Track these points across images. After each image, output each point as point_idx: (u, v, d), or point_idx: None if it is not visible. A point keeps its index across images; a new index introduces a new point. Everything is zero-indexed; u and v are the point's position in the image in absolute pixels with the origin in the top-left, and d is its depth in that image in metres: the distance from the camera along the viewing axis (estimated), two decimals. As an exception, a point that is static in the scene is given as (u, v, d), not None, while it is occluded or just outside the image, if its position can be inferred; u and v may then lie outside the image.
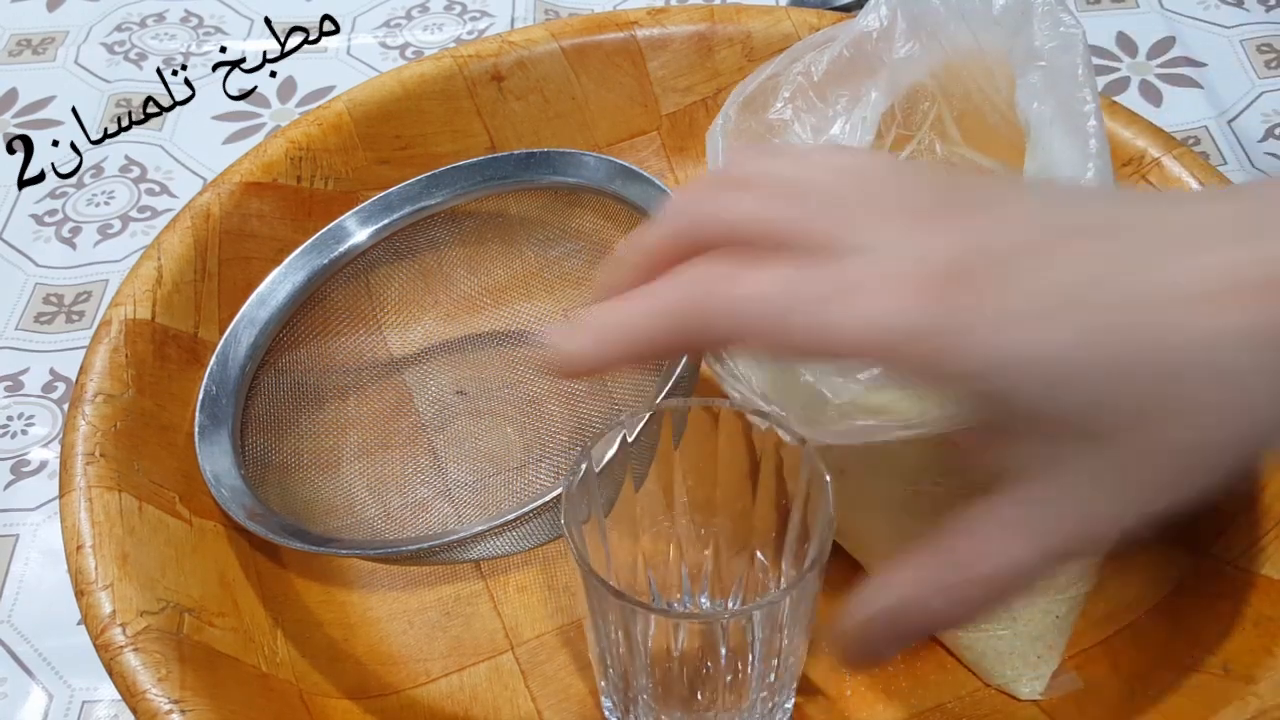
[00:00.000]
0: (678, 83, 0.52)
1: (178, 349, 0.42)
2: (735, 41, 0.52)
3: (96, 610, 0.33)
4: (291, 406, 0.43)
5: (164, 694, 0.32)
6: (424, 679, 0.39)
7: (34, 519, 0.45)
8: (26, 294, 0.53)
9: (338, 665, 0.39)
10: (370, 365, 0.46)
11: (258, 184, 0.46)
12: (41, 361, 0.50)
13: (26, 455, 0.47)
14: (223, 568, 0.38)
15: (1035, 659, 0.37)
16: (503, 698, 0.38)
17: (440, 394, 0.46)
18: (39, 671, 0.41)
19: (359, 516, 0.41)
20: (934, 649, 0.39)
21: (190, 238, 0.43)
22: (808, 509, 0.33)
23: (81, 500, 0.36)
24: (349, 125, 0.48)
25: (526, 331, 0.47)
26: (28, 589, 0.43)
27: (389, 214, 0.45)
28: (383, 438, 0.44)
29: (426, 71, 0.49)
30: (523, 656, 0.39)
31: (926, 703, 0.37)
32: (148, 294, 0.41)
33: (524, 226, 0.47)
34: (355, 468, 0.43)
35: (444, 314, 0.47)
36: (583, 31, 0.51)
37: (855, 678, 0.38)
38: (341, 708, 0.37)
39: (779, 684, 0.34)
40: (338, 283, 0.45)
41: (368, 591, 0.41)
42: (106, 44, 0.66)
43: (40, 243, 0.55)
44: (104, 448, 0.37)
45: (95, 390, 0.39)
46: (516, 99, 0.51)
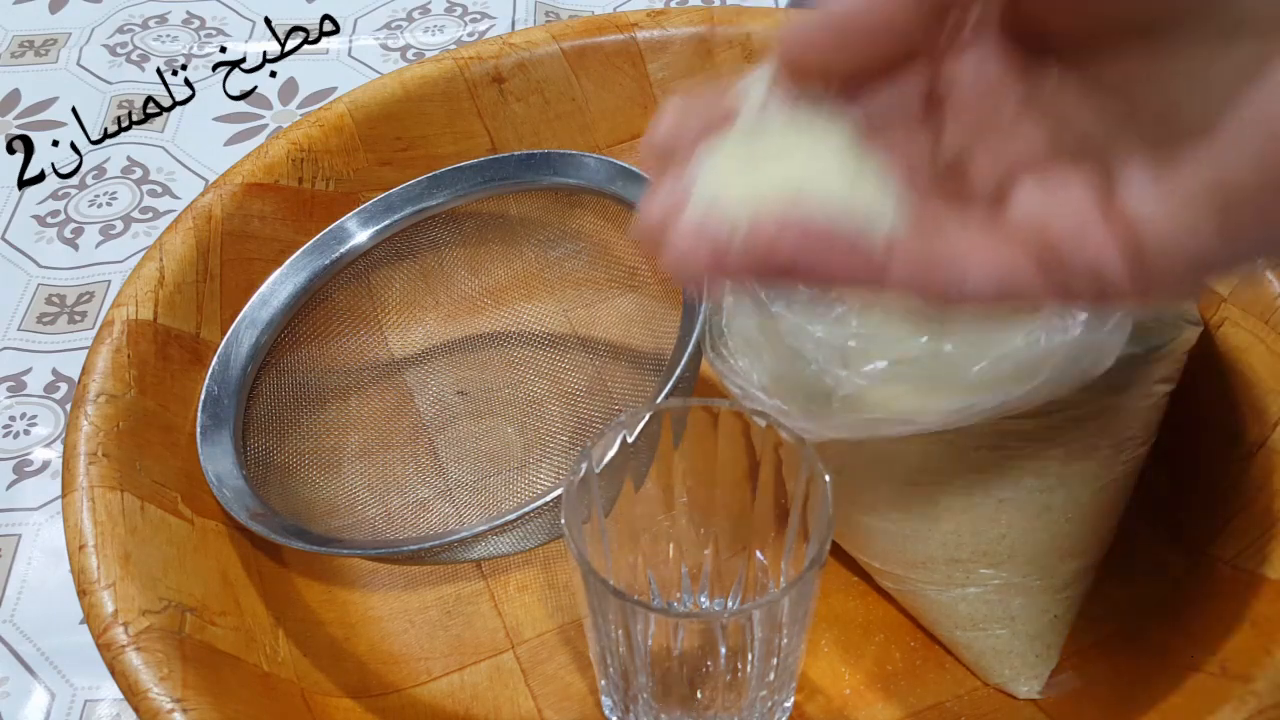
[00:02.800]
0: (678, 84, 0.52)
1: (180, 349, 0.42)
2: (735, 43, 0.52)
3: (99, 609, 0.34)
4: (293, 407, 0.43)
5: (166, 693, 0.32)
6: (425, 678, 0.39)
7: (36, 519, 0.45)
8: (29, 295, 0.53)
9: (339, 664, 0.39)
10: (371, 366, 0.46)
11: (259, 185, 0.46)
12: (44, 362, 0.50)
13: (29, 455, 0.47)
14: (225, 567, 0.38)
15: (1034, 658, 0.37)
16: (503, 696, 0.38)
17: (441, 394, 0.46)
18: (41, 671, 0.41)
19: (360, 516, 0.41)
20: (933, 648, 0.39)
21: (192, 238, 0.43)
22: (807, 508, 0.33)
23: (84, 500, 0.36)
24: (350, 126, 0.48)
25: (527, 332, 0.47)
26: (30, 588, 0.43)
27: (390, 215, 0.45)
28: (384, 438, 0.44)
29: (428, 73, 0.50)
30: (523, 655, 0.39)
31: (925, 701, 0.38)
32: (150, 295, 0.42)
33: (525, 227, 0.47)
34: (356, 468, 0.43)
35: (445, 315, 0.47)
36: (583, 33, 0.51)
37: (854, 677, 0.38)
38: (343, 706, 0.37)
39: (778, 683, 0.34)
40: (339, 284, 0.45)
41: (369, 591, 0.41)
42: (108, 45, 0.66)
43: (43, 243, 0.55)
44: (106, 448, 0.37)
45: (98, 390, 0.39)
46: (517, 100, 0.51)
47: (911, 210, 0.23)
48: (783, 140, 0.24)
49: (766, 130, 0.24)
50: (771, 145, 0.24)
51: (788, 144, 0.24)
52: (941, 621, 0.38)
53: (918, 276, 0.22)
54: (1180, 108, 0.21)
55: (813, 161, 0.23)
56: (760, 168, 0.23)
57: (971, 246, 0.23)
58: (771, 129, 0.24)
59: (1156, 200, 0.21)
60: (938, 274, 0.23)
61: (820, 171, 0.23)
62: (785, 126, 0.24)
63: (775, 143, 0.24)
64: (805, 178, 0.23)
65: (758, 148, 0.24)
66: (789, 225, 0.22)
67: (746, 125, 0.24)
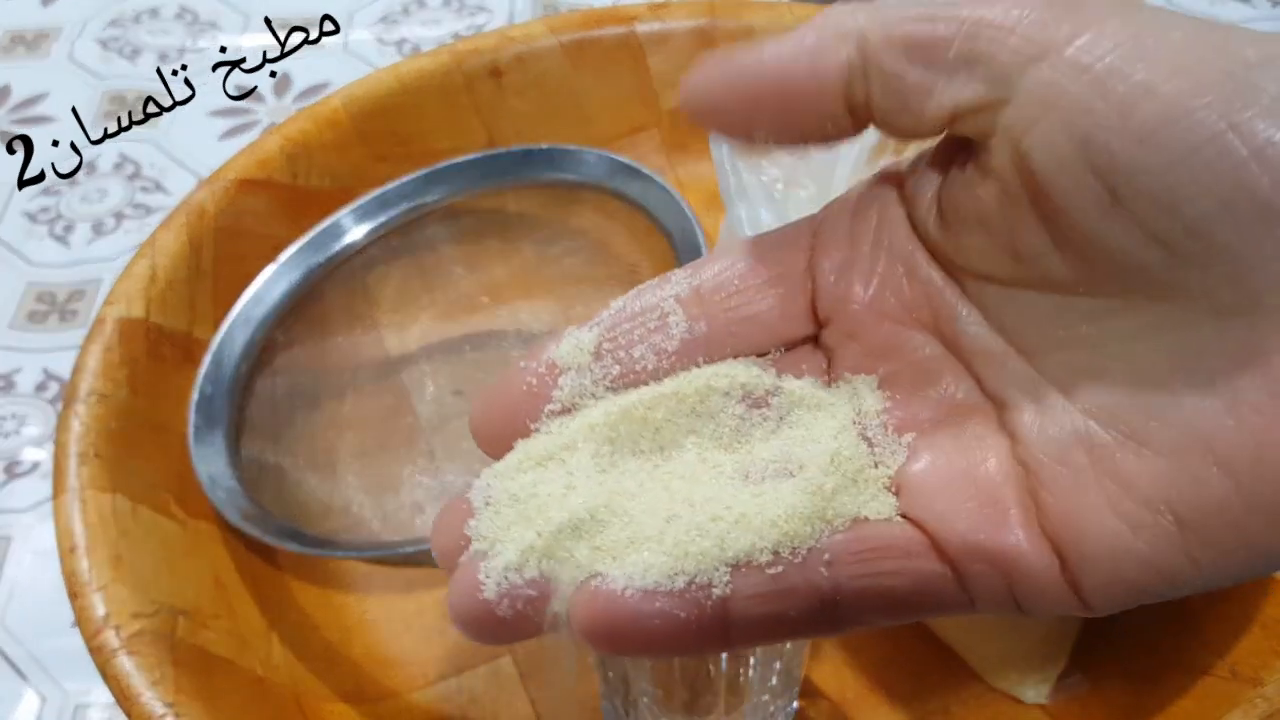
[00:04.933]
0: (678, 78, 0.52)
1: (172, 348, 0.41)
2: (736, 37, 0.51)
3: (90, 612, 0.33)
4: (287, 407, 0.43)
5: (158, 698, 0.31)
6: (422, 682, 0.38)
7: (27, 520, 0.45)
8: (19, 293, 0.52)
9: (334, 669, 0.38)
10: (367, 365, 0.45)
11: (253, 181, 0.45)
12: (34, 361, 0.50)
13: (19, 456, 0.46)
14: (218, 570, 0.38)
15: (1040, 661, 0.37)
16: (501, 701, 0.38)
17: (438, 394, 0.45)
18: (32, 674, 0.40)
19: (356, 518, 0.41)
20: (938, 652, 0.38)
21: (185, 235, 0.43)
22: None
23: (75, 501, 0.35)
24: (345, 122, 0.47)
25: (525, 331, 0.47)
26: (21, 591, 0.42)
27: (386, 211, 0.45)
28: (380, 438, 0.44)
29: (424, 67, 0.49)
30: (521, 660, 0.39)
31: (929, 706, 0.37)
32: (142, 292, 0.41)
33: (523, 224, 0.46)
34: (352, 468, 0.43)
35: (441, 313, 0.47)
36: (582, 26, 0.51)
37: (858, 681, 0.38)
38: (338, 712, 0.37)
39: (781, 687, 0.34)
40: (334, 281, 0.44)
41: (365, 594, 0.41)
42: (101, 40, 0.65)
43: (33, 241, 0.55)
44: (98, 448, 0.37)
45: (89, 390, 0.38)
46: (515, 95, 0.50)
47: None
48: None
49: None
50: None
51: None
52: (946, 624, 0.38)
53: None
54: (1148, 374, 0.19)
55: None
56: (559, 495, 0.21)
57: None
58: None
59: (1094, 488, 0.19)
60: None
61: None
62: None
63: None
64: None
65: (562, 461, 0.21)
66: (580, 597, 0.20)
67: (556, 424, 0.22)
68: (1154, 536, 0.18)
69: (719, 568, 0.20)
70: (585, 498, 0.21)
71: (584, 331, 0.23)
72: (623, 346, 0.22)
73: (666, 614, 0.19)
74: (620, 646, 0.20)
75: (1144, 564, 0.19)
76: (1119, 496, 0.19)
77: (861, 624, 0.20)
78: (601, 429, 0.22)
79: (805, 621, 0.20)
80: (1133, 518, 0.18)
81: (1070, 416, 0.20)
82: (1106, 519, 0.19)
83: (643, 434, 0.22)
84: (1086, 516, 0.19)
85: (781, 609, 0.20)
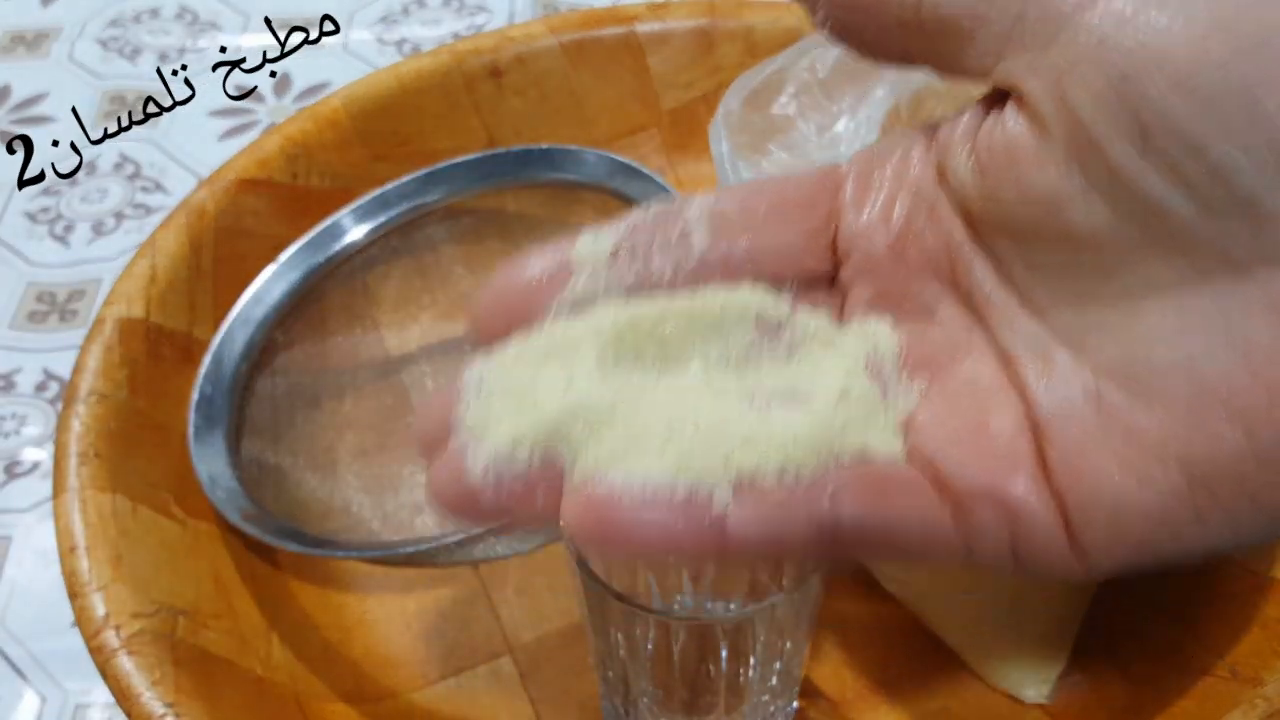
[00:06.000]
0: (678, 78, 0.52)
1: (172, 348, 0.41)
2: (737, 37, 0.51)
3: (90, 612, 0.33)
4: (287, 407, 0.43)
5: (158, 698, 0.31)
6: (422, 682, 0.38)
7: (27, 520, 0.45)
8: (19, 293, 0.52)
9: (334, 669, 0.38)
10: (367, 365, 0.45)
11: (253, 181, 0.45)
12: (34, 361, 0.50)
13: (19, 456, 0.47)
14: (218, 570, 0.38)
15: (1041, 661, 0.37)
16: (501, 701, 0.38)
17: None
18: (32, 674, 0.40)
19: (356, 518, 0.41)
20: (938, 651, 0.38)
21: (185, 235, 0.43)
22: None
23: (75, 501, 0.35)
24: (345, 121, 0.47)
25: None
26: (21, 590, 0.42)
27: (386, 211, 0.45)
28: (380, 438, 0.44)
29: (424, 67, 0.49)
30: (521, 660, 0.39)
31: (930, 705, 0.37)
32: (142, 292, 0.41)
33: (523, 224, 0.46)
34: (352, 468, 0.43)
35: (442, 313, 0.47)
36: (582, 26, 0.51)
37: (858, 681, 0.38)
38: (338, 712, 0.37)
39: (781, 687, 0.34)
40: (334, 281, 0.44)
41: (365, 594, 0.41)
42: (101, 40, 0.65)
43: (33, 240, 0.55)
44: (98, 448, 0.37)
45: (89, 390, 0.38)
46: (515, 95, 0.50)
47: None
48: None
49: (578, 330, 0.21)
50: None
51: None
52: (947, 624, 0.38)
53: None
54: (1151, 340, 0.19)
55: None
56: (554, 387, 0.20)
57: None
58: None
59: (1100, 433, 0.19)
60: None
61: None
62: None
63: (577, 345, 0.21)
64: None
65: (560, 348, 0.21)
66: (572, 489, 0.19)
67: (556, 318, 0.21)
68: (1161, 491, 0.18)
69: (721, 484, 0.19)
70: (585, 395, 0.20)
71: (604, 232, 0.22)
72: (641, 254, 0.22)
73: (663, 524, 0.19)
74: (612, 549, 0.20)
75: (1149, 519, 0.19)
76: (1126, 452, 0.19)
77: (857, 556, 0.21)
78: (609, 333, 0.21)
79: (802, 548, 0.20)
80: (1140, 472, 0.19)
81: (1080, 373, 0.20)
82: (1113, 474, 0.19)
83: (649, 344, 0.21)
84: (1092, 472, 0.19)
85: (780, 533, 0.20)
